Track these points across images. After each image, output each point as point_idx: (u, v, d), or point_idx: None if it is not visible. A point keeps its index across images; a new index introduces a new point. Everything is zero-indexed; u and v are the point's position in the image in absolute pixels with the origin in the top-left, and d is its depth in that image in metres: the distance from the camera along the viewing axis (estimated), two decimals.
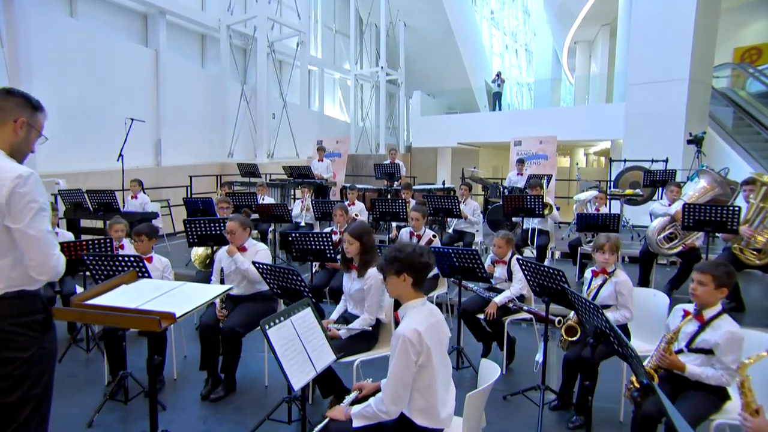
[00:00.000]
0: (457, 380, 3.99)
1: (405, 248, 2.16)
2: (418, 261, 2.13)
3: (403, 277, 2.13)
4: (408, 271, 2.13)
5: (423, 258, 2.14)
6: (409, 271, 2.13)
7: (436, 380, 2.08)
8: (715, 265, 2.53)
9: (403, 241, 2.21)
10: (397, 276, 2.14)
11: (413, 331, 2.00)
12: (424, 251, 2.17)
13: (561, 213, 7.40)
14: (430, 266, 2.17)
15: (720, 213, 4.73)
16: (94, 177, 9.07)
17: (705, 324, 2.56)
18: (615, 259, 3.29)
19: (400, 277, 2.13)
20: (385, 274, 2.19)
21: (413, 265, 2.12)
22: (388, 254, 2.16)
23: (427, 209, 4.84)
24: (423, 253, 2.15)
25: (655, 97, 10.43)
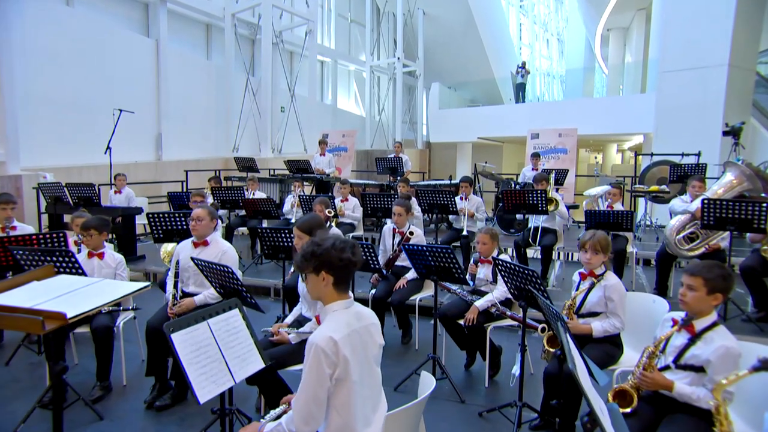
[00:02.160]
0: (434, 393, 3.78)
1: (324, 242, 1.92)
2: (338, 257, 1.89)
3: (322, 275, 1.90)
4: (327, 268, 1.89)
5: (345, 254, 1.90)
6: (329, 269, 1.89)
7: (355, 397, 1.84)
8: (707, 267, 2.21)
9: (331, 234, 1.96)
10: (316, 274, 1.91)
11: (327, 339, 1.78)
12: (347, 246, 1.93)
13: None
14: (354, 263, 1.93)
15: (745, 209, 4.32)
16: (88, 171, 9.14)
17: (696, 336, 2.25)
18: (602, 260, 2.98)
19: (320, 276, 1.90)
20: (303, 273, 1.96)
21: (332, 261, 1.89)
22: (305, 249, 1.93)
23: (409, 203, 4.59)
24: (345, 247, 1.92)
25: (689, 85, 9.89)
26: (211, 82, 12.80)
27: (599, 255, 2.95)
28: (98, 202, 6.20)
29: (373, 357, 1.97)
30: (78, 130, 9.27)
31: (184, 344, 2.02)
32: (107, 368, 3.41)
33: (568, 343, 1.96)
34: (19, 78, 8.38)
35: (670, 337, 2.30)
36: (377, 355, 2.00)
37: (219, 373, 2.08)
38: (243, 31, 13.38)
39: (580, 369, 2.03)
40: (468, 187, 6.12)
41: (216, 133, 12.94)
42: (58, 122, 9.02)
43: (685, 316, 2.25)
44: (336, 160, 11.47)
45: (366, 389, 1.91)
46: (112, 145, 9.56)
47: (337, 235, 2.00)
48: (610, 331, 2.88)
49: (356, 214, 6.74)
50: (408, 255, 3.74)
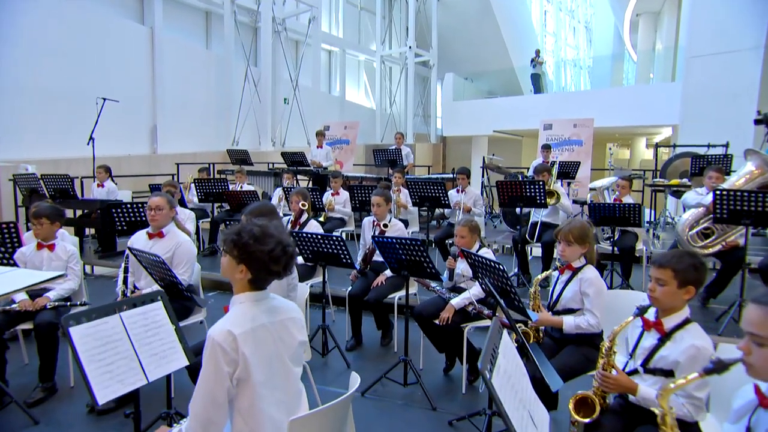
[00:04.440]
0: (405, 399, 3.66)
1: (263, 242, 1.76)
2: (267, 265, 1.75)
3: (242, 267, 1.77)
4: (250, 266, 1.77)
5: (275, 266, 1.76)
6: (251, 268, 1.77)
7: (262, 400, 1.72)
8: (676, 257, 2.04)
9: (268, 224, 1.84)
10: (237, 264, 1.78)
11: (225, 333, 1.66)
12: (283, 257, 1.77)
13: None
14: (277, 273, 1.78)
15: (762, 201, 4.08)
16: (76, 164, 9.20)
17: (665, 336, 2.08)
18: (580, 252, 2.81)
19: (239, 266, 1.78)
20: (226, 252, 1.83)
21: (258, 265, 1.75)
22: (227, 235, 1.80)
23: (389, 193, 4.46)
24: (280, 258, 1.77)
25: (719, 72, 9.55)
26: (211, 72, 12.84)
27: (574, 246, 2.77)
28: (75, 195, 6.21)
29: (289, 356, 1.84)
30: (67, 122, 9.35)
31: (86, 339, 1.92)
32: (51, 368, 3.35)
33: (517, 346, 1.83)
34: (4, 67, 8.51)
35: (621, 329, 2.14)
36: (295, 354, 1.88)
37: (128, 372, 1.99)
38: (243, 19, 13.39)
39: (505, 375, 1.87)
40: (465, 179, 5.96)
41: (216, 125, 12.97)
42: (45, 113, 9.12)
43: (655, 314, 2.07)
44: (338, 153, 11.41)
45: (278, 392, 1.79)
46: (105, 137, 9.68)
47: (282, 235, 1.84)
48: (583, 328, 2.71)
49: (347, 209, 6.63)
50: (379, 249, 3.61)
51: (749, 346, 1.35)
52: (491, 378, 1.32)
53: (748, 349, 1.35)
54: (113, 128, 10.25)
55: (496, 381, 1.35)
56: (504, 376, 1.44)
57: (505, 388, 1.39)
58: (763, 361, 1.32)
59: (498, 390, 1.33)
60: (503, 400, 1.32)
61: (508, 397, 1.38)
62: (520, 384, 1.57)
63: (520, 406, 1.45)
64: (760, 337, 1.31)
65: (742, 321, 1.39)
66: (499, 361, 1.46)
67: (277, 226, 1.84)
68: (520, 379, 1.60)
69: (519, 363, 1.67)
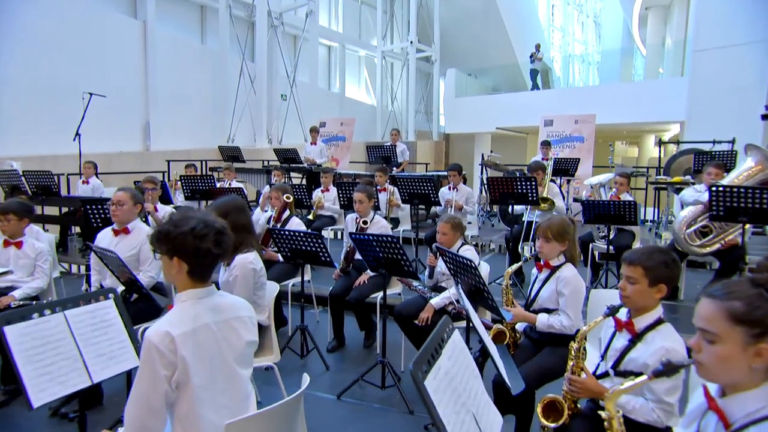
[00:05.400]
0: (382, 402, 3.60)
1: (182, 224, 1.71)
2: (196, 245, 1.69)
3: (176, 261, 1.73)
4: (181, 255, 1.71)
5: (204, 242, 1.70)
6: (183, 256, 1.71)
7: (201, 405, 1.66)
8: (646, 254, 1.97)
9: (196, 215, 1.79)
10: (170, 259, 1.74)
11: (162, 334, 1.60)
12: (210, 232, 1.72)
13: None
14: (213, 253, 1.73)
15: (759, 198, 4.00)
16: (65, 161, 9.19)
17: (636, 337, 2.01)
18: (558, 249, 2.73)
19: (173, 261, 1.73)
20: (157, 252, 1.79)
21: (187, 248, 1.70)
22: (161, 229, 1.76)
23: (372, 189, 4.40)
24: (207, 234, 1.71)
25: (726, 65, 9.42)
26: (206, 67, 12.81)
27: (553, 243, 2.70)
28: (57, 192, 6.20)
29: (234, 357, 1.78)
30: (55, 117, 9.33)
31: (24, 339, 1.88)
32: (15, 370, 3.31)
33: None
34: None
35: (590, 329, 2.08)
36: (242, 355, 1.82)
37: (70, 373, 1.95)
38: (239, 12, 13.36)
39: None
40: (456, 176, 5.90)
41: (211, 122, 12.95)
42: (33, 109, 9.12)
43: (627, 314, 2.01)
44: (334, 150, 11.37)
45: (221, 396, 1.73)
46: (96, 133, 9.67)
47: (206, 217, 1.80)
48: (556, 328, 2.64)
49: (337, 206, 6.58)
50: (356, 246, 3.57)
51: (700, 343, 1.28)
52: (424, 380, 1.26)
53: (699, 346, 1.29)
54: (104, 124, 10.25)
55: (431, 383, 1.29)
56: (444, 378, 1.38)
57: (442, 390, 1.33)
58: (713, 359, 1.25)
59: (432, 392, 1.27)
60: (437, 403, 1.26)
61: (445, 400, 1.32)
62: (467, 386, 1.51)
63: (462, 410, 1.39)
64: (712, 334, 1.25)
65: (694, 316, 1.32)
66: (441, 362, 1.40)
67: (204, 212, 1.81)
68: (469, 382, 1.53)
69: (470, 364, 1.60)
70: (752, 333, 1.20)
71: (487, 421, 1.53)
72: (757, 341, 1.20)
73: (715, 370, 1.26)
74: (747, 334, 1.20)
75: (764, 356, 1.20)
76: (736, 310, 1.22)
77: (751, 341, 1.20)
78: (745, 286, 1.25)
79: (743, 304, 1.22)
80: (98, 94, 7.80)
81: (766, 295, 1.22)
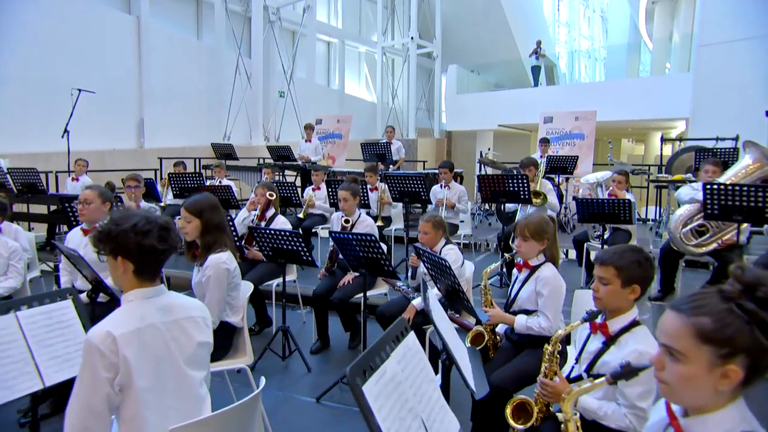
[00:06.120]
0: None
1: (123, 222, 1.69)
2: (138, 242, 1.67)
3: (120, 261, 1.70)
4: (125, 254, 1.69)
5: (147, 239, 1.67)
6: (127, 255, 1.69)
7: (147, 408, 1.63)
8: (618, 253, 1.93)
9: (140, 212, 1.75)
10: (114, 259, 1.71)
11: (104, 335, 1.57)
12: (153, 228, 1.70)
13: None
14: (158, 250, 1.70)
15: (755, 196, 3.94)
16: (56, 158, 9.19)
17: (610, 340, 1.97)
18: (537, 248, 2.69)
19: (117, 261, 1.70)
20: (100, 252, 1.76)
21: (129, 246, 1.67)
22: (101, 228, 1.73)
23: (357, 187, 4.37)
24: (150, 231, 1.69)
25: (730, 60, 9.33)
26: (201, 63, 12.79)
27: (531, 242, 2.66)
28: (44, 189, 6.19)
29: (184, 359, 1.75)
30: (46, 114, 9.33)
31: None
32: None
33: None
34: None
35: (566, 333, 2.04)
36: (193, 356, 1.78)
37: (20, 377, 1.92)
38: (235, 8, 13.33)
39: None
40: (448, 173, 5.85)
41: (207, 119, 12.94)
42: (23, 105, 9.12)
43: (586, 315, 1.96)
44: (330, 147, 11.34)
45: (169, 398, 1.70)
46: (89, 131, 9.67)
47: (149, 213, 1.77)
48: (534, 330, 2.59)
49: (328, 205, 6.55)
50: (337, 245, 3.53)
51: (663, 360, 1.17)
52: (363, 385, 1.22)
53: (662, 363, 1.17)
54: (98, 122, 10.26)
55: (372, 388, 1.25)
56: (390, 382, 1.34)
57: (386, 395, 1.29)
58: (676, 379, 1.14)
59: (372, 398, 1.23)
60: (376, 409, 1.22)
61: (388, 405, 1.28)
62: (419, 391, 1.47)
63: (409, 416, 1.35)
64: (676, 351, 1.13)
65: (657, 330, 1.22)
66: (387, 365, 1.36)
67: (148, 209, 1.78)
68: (421, 387, 1.49)
69: (424, 368, 1.56)
70: (720, 353, 1.09)
71: (440, 427, 1.49)
72: (724, 362, 1.09)
73: (678, 391, 1.16)
74: (714, 354, 1.09)
75: (732, 378, 1.09)
76: (703, 328, 1.10)
77: (718, 362, 1.09)
78: (715, 299, 1.12)
79: (712, 321, 1.09)
80: (87, 90, 7.78)
81: (738, 311, 1.08)
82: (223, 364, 2.87)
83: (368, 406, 1.20)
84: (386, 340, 1.44)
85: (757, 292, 1.08)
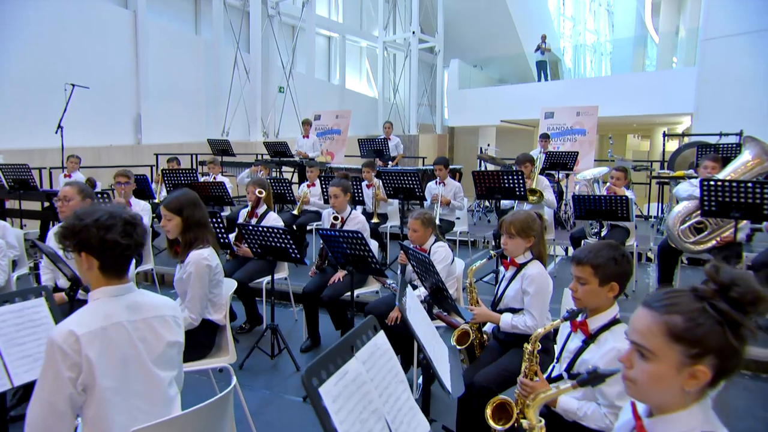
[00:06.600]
0: None
1: (86, 217, 1.67)
2: (99, 237, 1.64)
3: (84, 257, 1.68)
4: (88, 250, 1.67)
5: (111, 233, 1.65)
6: (90, 251, 1.67)
7: (111, 409, 1.62)
8: (594, 251, 1.90)
9: (104, 207, 1.74)
10: (78, 255, 1.70)
11: (66, 334, 1.56)
12: (117, 223, 1.67)
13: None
14: (122, 245, 1.67)
15: (752, 193, 3.89)
16: (52, 154, 9.22)
17: (590, 338, 1.95)
18: (524, 246, 2.66)
19: (82, 257, 1.69)
20: (66, 249, 1.74)
21: (92, 242, 1.65)
22: (65, 224, 1.71)
23: (347, 183, 4.34)
24: (113, 225, 1.66)
25: (735, 54, 9.25)
26: (199, 58, 12.79)
27: (516, 239, 2.63)
28: (35, 186, 6.19)
29: (153, 358, 1.73)
30: (42, 110, 9.32)
31: None
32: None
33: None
34: None
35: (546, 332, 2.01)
36: (162, 356, 1.76)
37: None
38: (233, 1, 13.30)
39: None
40: (443, 170, 5.82)
41: (205, 115, 12.94)
42: (18, 101, 9.13)
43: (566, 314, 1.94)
44: (329, 143, 11.32)
45: (136, 399, 1.68)
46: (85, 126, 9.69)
47: (115, 208, 1.74)
48: (519, 328, 2.57)
49: (323, 201, 6.53)
50: (324, 242, 3.51)
51: (632, 358, 1.17)
52: (320, 386, 1.20)
53: (631, 361, 1.17)
54: (94, 118, 10.28)
55: (330, 390, 1.23)
56: (352, 383, 1.31)
57: (346, 396, 1.27)
58: (644, 377, 1.13)
59: (330, 400, 1.21)
60: (333, 411, 1.20)
61: (348, 406, 1.26)
62: (385, 392, 1.44)
63: (372, 417, 1.33)
64: (646, 350, 1.12)
65: (628, 327, 1.21)
66: (350, 366, 1.34)
67: (116, 204, 1.76)
68: (389, 387, 1.47)
69: (393, 368, 1.54)
70: (690, 353, 1.08)
71: (408, 428, 1.47)
72: (694, 362, 1.08)
73: (645, 390, 1.15)
74: (684, 353, 1.08)
75: (700, 379, 1.09)
76: (675, 326, 1.09)
77: (687, 362, 1.08)
78: (688, 298, 1.12)
79: (684, 320, 1.09)
80: (80, 86, 7.77)
81: (710, 311, 1.08)
82: (205, 362, 2.86)
83: (324, 408, 1.19)
84: (351, 339, 1.42)
85: (730, 293, 1.08)
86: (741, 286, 1.08)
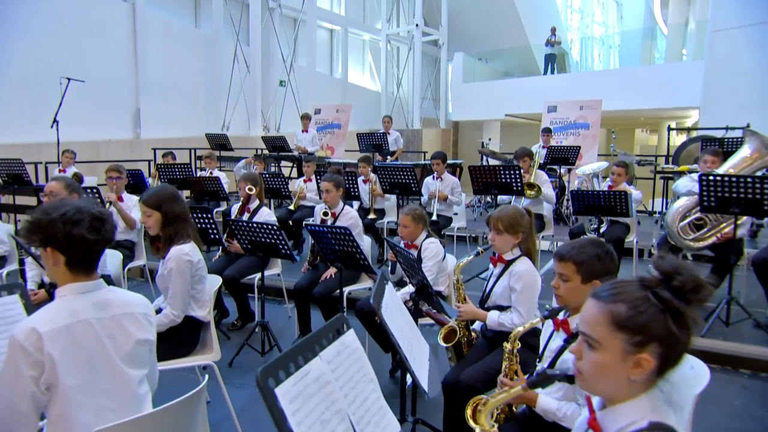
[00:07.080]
0: None
1: (52, 211, 1.65)
2: (66, 232, 1.62)
3: (50, 252, 1.66)
4: (54, 245, 1.65)
5: (77, 229, 1.63)
6: (56, 246, 1.65)
7: (76, 408, 1.61)
8: (577, 248, 1.87)
9: (73, 202, 1.72)
10: (44, 250, 1.68)
11: (28, 331, 1.55)
12: (84, 218, 1.66)
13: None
14: (89, 240, 1.65)
15: (752, 188, 3.84)
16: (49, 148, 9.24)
17: (572, 337, 1.92)
18: (512, 242, 2.63)
19: (48, 252, 1.67)
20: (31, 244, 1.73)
21: (58, 237, 1.63)
22: (31, 219, 1.70)
23: (339, 178, 4.32)
24: (81, 220, 1.64)
25: (744, 46, 9.14)
26: (199, 52, 12.77)
27: (504, 236, 2.60)
28: (29, 181, 6.21)
29: (121, 357, 1.72)
30: (38, 105, 9.33)
31: None
32: None
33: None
34: None
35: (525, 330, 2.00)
36: (131, 354, 1.75)
37: None
38: None
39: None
40: (440, 164, 5.78)
41: (204, 109, 12.93)
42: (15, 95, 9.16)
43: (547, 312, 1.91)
44: (329, 138, 11.29)
45: (103, 398, 1.67)
46: (83, 121, 9.69)
47: (83, 203, 1.73)
48: (506, 326, 2.54)
49: (319, 197, 6.52)
50: (313, 238, 3.50)
51: (581, 349, 1.18)
52: (276, 386, 1.18)
53: (580, 352, 1.18)
54: (92, 112, 10.29)
55: (288, 390, 1.21)
56: (314, 383, 1.29)
57: (306, 397, 1.25)
58: (591, 368, 1.14)
59: (288, 400, 1.19)
60: (291, 412, 1.18)
61: (308, 407, 1.24)
62: (352, 392, 1.42)
63: (335, 418, 1.31)
64: (592, 339, 1.14)
65: (579, 319, 1.22)
66: (312, 365, 1.32)
67: (84, 199, 1.75)
68: (356, 387, 1.45)
69: (362, 368, 1.52)
70: (633, 341, 1.09)
71: (375, 429, 1.45)
72: (637, 350, 1.09)
73: (592, 380, 1.16)
74: (628, 341, 1.09)
75: (644, 367, 1.09)
76: (618, 315, 1.10)
77: (631, 350, 1.09)
78: (634, 287, 1.13)
79: (627, 308, 1.10)
80: (76, 79, 7.78)
81: (653, 300, 1.09)
82: (188, 360, 2.85)
83: (279, 409, 1.16)
84: (315, 339, 1.40)
85: (673, 281, 1.10)
86: (683, 275, 1.10)
